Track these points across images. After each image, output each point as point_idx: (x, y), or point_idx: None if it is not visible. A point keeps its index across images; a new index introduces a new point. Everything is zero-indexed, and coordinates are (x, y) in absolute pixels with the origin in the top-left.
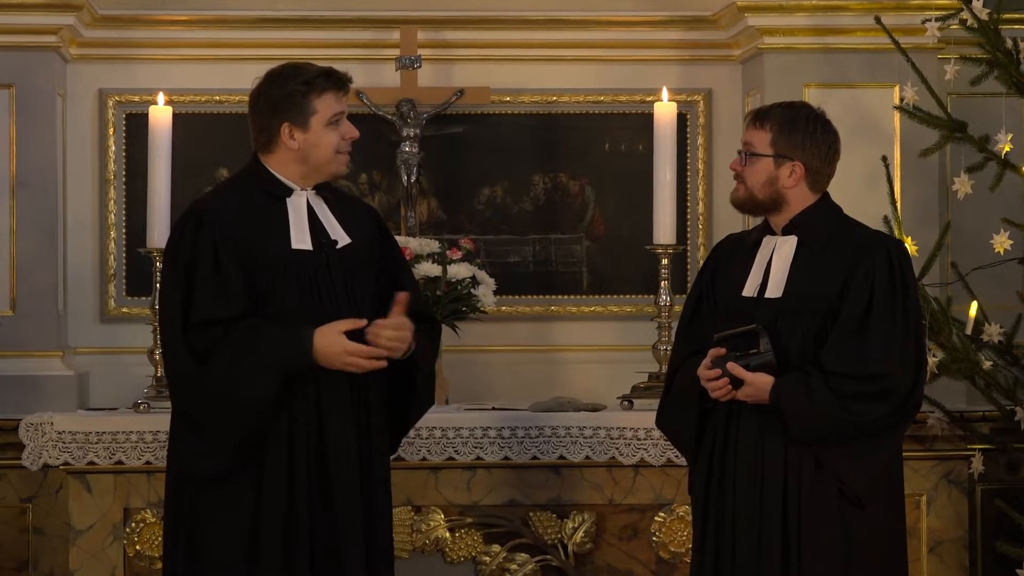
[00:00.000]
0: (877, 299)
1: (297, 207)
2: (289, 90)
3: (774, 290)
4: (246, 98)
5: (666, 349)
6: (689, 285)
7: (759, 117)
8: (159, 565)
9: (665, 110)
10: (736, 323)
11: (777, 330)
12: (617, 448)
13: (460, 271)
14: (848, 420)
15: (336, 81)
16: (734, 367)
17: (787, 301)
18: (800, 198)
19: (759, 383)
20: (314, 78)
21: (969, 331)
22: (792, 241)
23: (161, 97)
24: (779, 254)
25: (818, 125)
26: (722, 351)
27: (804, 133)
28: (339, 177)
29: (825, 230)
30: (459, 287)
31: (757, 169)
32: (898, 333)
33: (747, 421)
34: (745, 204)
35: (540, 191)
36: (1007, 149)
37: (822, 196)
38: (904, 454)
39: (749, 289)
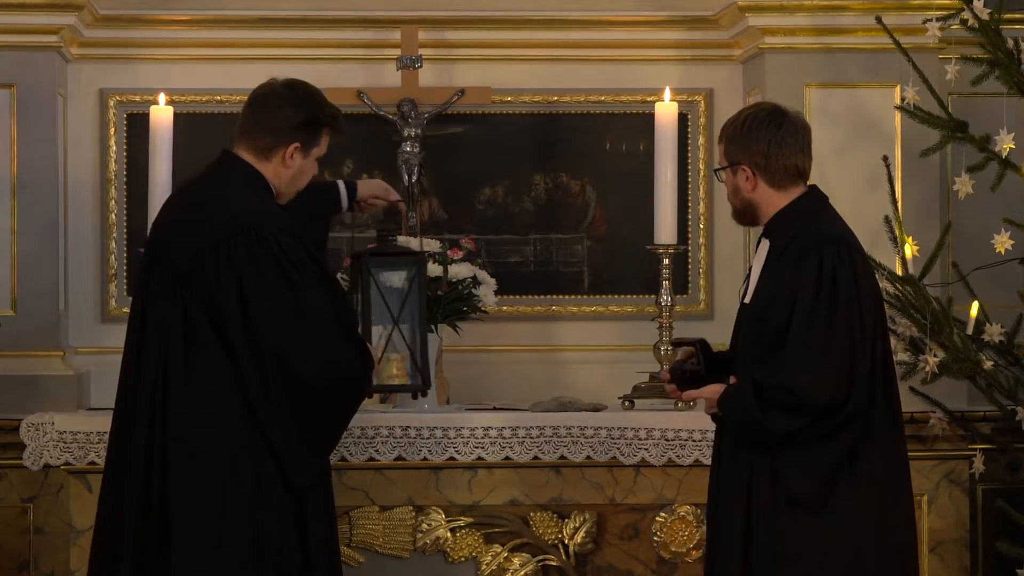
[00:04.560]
0: (798, 308)
1: None
2: (318, 116)
3: (749, 295)
4: (246, 98)
5: (667, 349)
6: (690, 285)
7: (720, 134)
8: None
9: (666, 110)
10: (735, 328)
11: (745, 338)
12: (618, 448)
13: (461, 271)
14: (770, 430)
15: (341, 127)
16: (673, 390)
17: (753, 307)
18: (767, 200)
19: (706, 394)
20: (336, 117)
21: (970, 331)
22: (766, 245)
23: (162, 97)
24: (757, 258)
25: (755, 122)
26: (686, 356)
27: (741, 134)
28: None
29: (789, 233)
30: (460, 287)
31: (726, 183)
32: (815, 344)
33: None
34: (737, 219)
35: (541, 191)
36: (1008, 149)
37: (802, 195)
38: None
39: (743, 294)
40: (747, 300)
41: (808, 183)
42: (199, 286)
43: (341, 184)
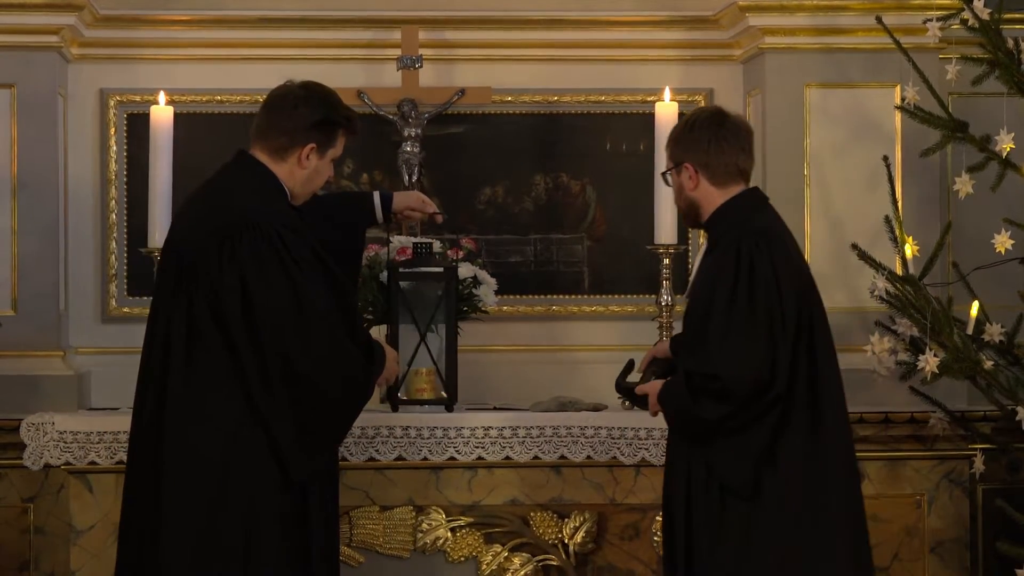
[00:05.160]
0: (718, 297)
1: None
2: (334, 117)
3: (688, 290)
4: (247, 98)
5: None
6: (690, 285)
7: (667, 139)
8: None
9: (666, 110)
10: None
11: (684, 332)
12: (618, 448)
13: (461, 271)
14: (699, 417)
15: (357, 129)
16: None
17: (688, 301)
18: (708, 198)
19: (647, 393)
20: (352, 119)
21: (970, 331)
22: (705, 241)
23: (162, 97)
24: (700, 254)
25: (697, 122)
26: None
27: (685, 134)
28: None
29: (721, 228)
30: (461, 287)
31: (672, 184)
32: (736, 331)
33: None
34: (684, 220)
35: (541, 191)
36: (1008, 149)
37: (740, 193)
38: (905, 454)
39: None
40: (688, 292)
41: (750, 185)
42: (203, 282)
43: (376, 195)
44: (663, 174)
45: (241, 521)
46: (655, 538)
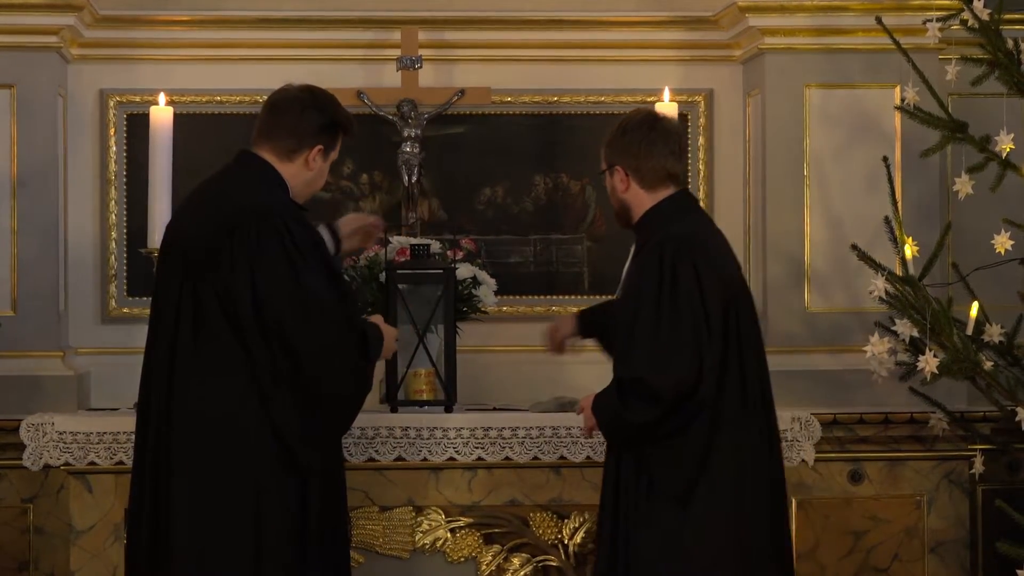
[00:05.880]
0: (643, 302)
1: None
2: (339, 120)
3: (617, 294)
4: (247, 98)
5: None
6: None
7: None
8: None
9: (666, 110)
10: None
11: (615, 337)
12: None
13: (461, 271)
14: (630, 421)
15: (355, 132)
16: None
17: (618, 304)
18: (638, 201)
19: (583, 407)
20: (352, 122)
21: (970, 331)
22: (634, 245)
23: (162, 97)
24: (630, 258)
25: (629, 126)
26: None
27: (617, 137)
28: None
29: (647, 232)
30: (460, 287)
31: (607, 186)
32: (660, 335)
33: None
34: (617, 221)
35: (541, 191)
36: (1008, 149)
37: (667, 197)
38: (905, 454)
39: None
40: (618, 296)
41: (681, 187)
42: (214, 274)
43: (323, 228)
44: (599, 174)
45: (249, 509)
46: None
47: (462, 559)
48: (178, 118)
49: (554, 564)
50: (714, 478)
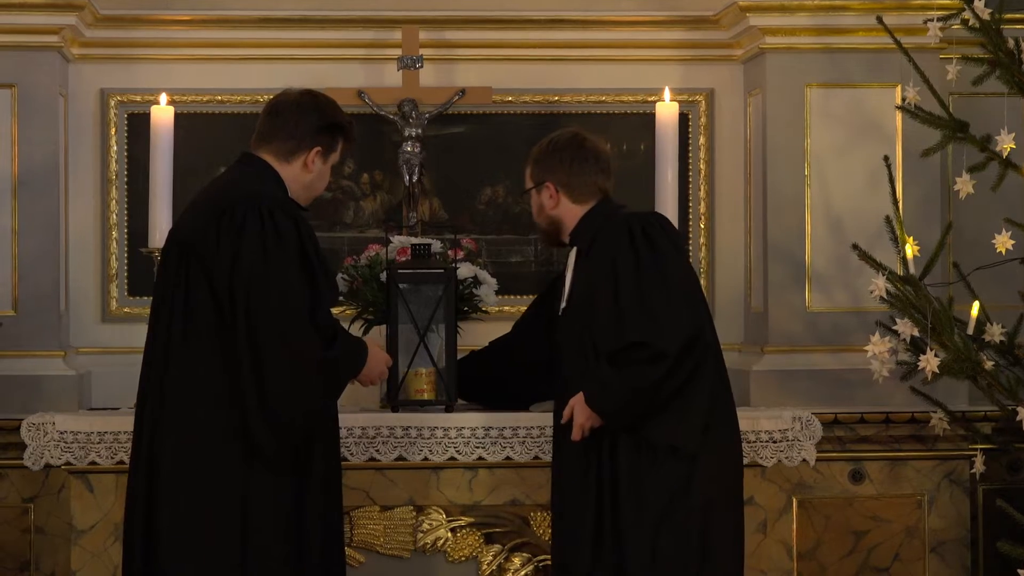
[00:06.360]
0: (620, 275)
1: None
2: (338, 121)
3: (563, 304)
4: (247, 98)
5: None
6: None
7: (526, 159)
8: None
9: (667, 110)
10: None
11: (570, 347)
12: None
13: (462, 271)
14: (633, 388)
15: (354, 136)
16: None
17: (570, 312)
18: (569, 214)
19: (574, 405)
20: (352, 125)
21: (971, 331)
22: (573, 252)
23: (163, 97)
24: (568, 268)
25: (558, 144)
26: None
27: (546, 155)
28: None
29: (590, 232)
30: (461, 287)
31: (532, 204)
32: (648, 299)
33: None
34: (543, 239)
35: None
36: (1008, 149)
37: (598, 202)
38: (906, 454)
39: (559, 307)
40: (564, 307)
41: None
42: (200, 260)
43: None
44: (523, 193)
45: (235, 502)
46: None
47: (463, 559)
48: (179, 118)
49: None
50: (717, 421)
